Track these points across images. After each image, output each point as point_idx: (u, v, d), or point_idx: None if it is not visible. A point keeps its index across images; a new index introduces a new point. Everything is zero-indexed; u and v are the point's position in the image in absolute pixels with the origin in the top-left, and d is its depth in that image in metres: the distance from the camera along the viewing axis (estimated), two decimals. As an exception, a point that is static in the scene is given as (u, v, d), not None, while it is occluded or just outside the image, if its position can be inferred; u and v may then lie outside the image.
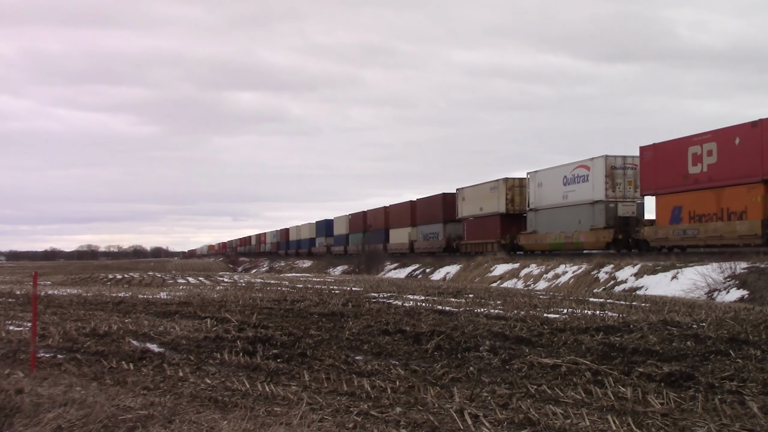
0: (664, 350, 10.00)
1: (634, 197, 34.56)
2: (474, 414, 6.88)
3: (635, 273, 26.69)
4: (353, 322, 13.97)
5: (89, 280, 46.15)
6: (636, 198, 34.53)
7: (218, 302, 19.45)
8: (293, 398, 7.70)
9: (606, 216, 34.50)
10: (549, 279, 31.68)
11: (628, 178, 34.62)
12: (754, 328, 11.85)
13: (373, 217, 68.67)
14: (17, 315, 17.19)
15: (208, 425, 6.55)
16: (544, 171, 40.10)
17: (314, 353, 10.59)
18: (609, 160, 34.50)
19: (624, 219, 34.16)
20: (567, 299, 19.66)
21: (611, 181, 34.54)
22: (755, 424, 6.45)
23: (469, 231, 48.65)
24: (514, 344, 10.94)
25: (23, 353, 10.85)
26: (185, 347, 11.34)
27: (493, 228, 44.84)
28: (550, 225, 39.34)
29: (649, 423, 6.54)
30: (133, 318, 15.77)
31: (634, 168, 33.96)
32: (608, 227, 34.24)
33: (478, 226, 47.18)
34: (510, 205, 43.53)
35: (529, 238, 41.36)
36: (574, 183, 37.22)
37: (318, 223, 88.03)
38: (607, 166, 34.49)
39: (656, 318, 13.41)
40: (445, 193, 52.31)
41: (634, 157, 33.61)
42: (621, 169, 34.63)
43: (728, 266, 22.70)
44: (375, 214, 68.16)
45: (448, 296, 21.62)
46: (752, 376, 8.29)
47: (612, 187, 34.55)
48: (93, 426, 6.53)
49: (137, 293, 25.22)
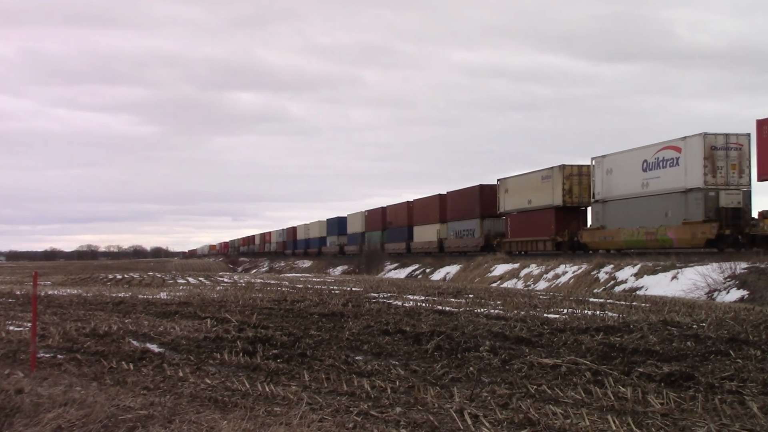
0: (664, 350, 10.00)
1: (739, 184, 28.87)
2: (474, 414, 6.88)
3: (635, 273, 26.69)
4: (353, 322, 13.96)
5: (89, 280, 46.15)
6: (742, 185, 28.92)
7: (218, 302, 19.45)
8: (293, 398, 7.69)
9: (705, 207, 28.68)
10: (549, 279, 31.67)
11: (731, 160, 28.85)
12: (754, 328, 11.85)
13: (393, 213, 63.04)
14: (17, 315, 17.18)
15: (208, 425, 6.55)
16: (615, 155, 34.47)
17: (314, 353, 10.58)
18: (708, 139, 28.81)
19: (731, 210, 28.40)
20: (567, 299, 19.66)
21: (711, 164, 28.71)
22: (755, 424, 6.45)
23: (514, 227, 42.98)
24: (514, 344, 10.94)
25: (23, 353, 10.85)
26: (185, 347, 11.33)
27: (545, 223, 39.11)
28: (624, 219, 33.42)
29: (649, 423, 6.54)
30: (133, 318, 15.77)
31: (739, 149, 28.83)
32: (708, 221, 28.53)
33: (525, 221, 41.58)
34: (567, 197, 37.74)
35: (594, 234, 35.73)
36: (658, 168, 31.28)
37: (329, 221, 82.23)
38: (706, 146, 28.73)
39: (656, 318, 13.40)
40: (483, 184, 46.82)
41: (738, 135, 29.01)
42: (723, 150, 28.91)
43: (728, 266, 22.70)
44: (396, 210, 62.43)
45: (448, 296, 21.62)
46: (752, 376, 8.29)
47: (712, 172, 28.68)
48: (93, 426, 6.53)
49: (137, 293, 25.22)
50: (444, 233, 52.13)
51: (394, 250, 60.63)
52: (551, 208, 38.70)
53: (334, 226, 79.47)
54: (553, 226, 38.40)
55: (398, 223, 61.57)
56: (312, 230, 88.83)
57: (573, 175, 38.16)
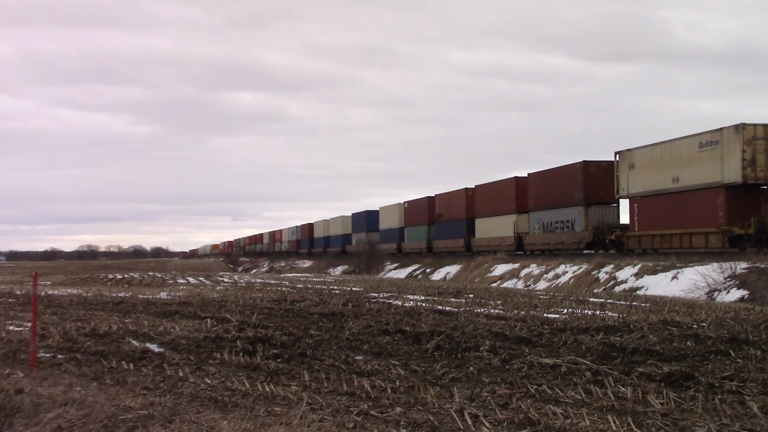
0: (664, 350, 10.00)
1: None
2: (474, 414, 6.88)
3: (635, 273, 26.69)
4: (353, 322, 13.96)
5: (89, 280, 46.15)
6: None
7: (218, 302, 19.45)
8: (293, 398, 7.69)
9: None
10: (549, 279, 31.68)
11: None
12: (754, 328, 11.84)
13: (445, 203, 51.83)
14: (17, 315, 17.19)
15: (208, 425, 6.55)
16: None
17: (314, 353, 10.58)
18: None
19: None
20: (567, 299, 19.66)
21: None
22: (755, 424, 6.45)
23: (647, 216, 31.96)
24: (514, 344, 10.94)
25: (23, 353, 10.85)
26: (185, 347, 11.34)
27: (707, 209, 28.18)
28: None
29: (649, 423, 6.54)
30: (133, 318, 15.77)
31: None
32: None
33: (668, 206, 30.56)
34: (749, 170, 26.47)
35: None
36: None
37: (355, 216, 71.74)
38: None
39: (656, 318, 13.40)
40: (587, 160, 36.07)
41: None
42: None
43: (728, 266, 22.69)
44: (449, 198, 51.27)
45: (448, 296, 21.62)
46: (752, 376, 8.29)
47: None
48: (93, 426, 6.53)
49: (137, 293, 25.22)
50: (524, 226, 41.71)
51: (445, 249, 51.48)
52: (720, 187, 27.62)
53: (362, 221, 68.60)
54: (723, 214, 27.36)
55: (452, 215, 50.56)
56: (333, 227, 78.84)
57: (757, 138, 26.55)
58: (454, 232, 50.07)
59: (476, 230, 47.26)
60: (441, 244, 52.17)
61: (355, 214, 71.89)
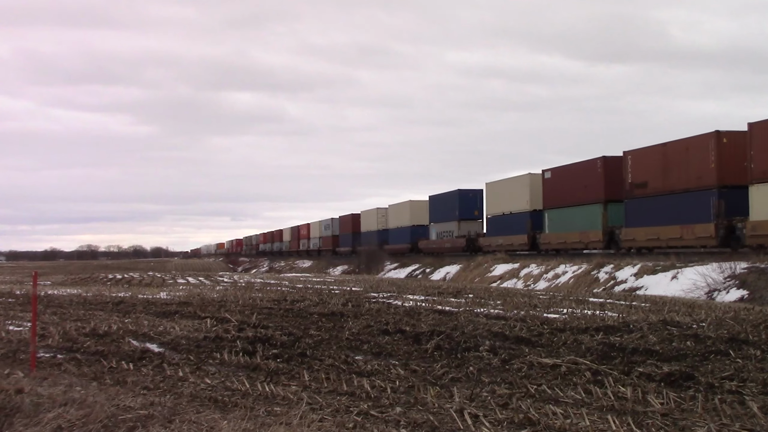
0: (664, 350, 10.00)
1: None
2: (474, 414, 6.88)
3: (635, 273, 26.68)
4: (353, 322, 13.97)
5: (89, 280, 46.14)
6: None
7: (218, 302, 19.45)
8: (293, 398, 7.70)
9: None
10: (549, 279, 31.67)
11: None
12: (754, 328, 11.84)
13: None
14: (17, 315, 17.19)
15: (208, 425, 6.55)
16: None
17: (314, 353, 10.59)
18: None
19: None
20: (567, 299, 19.66)
21: None
22: (755, 424, 6.45)
23: None
24: (514, 344, 10.94)
25: (23, 353, 10.85)
26: (185, 347, 11.34)
27: None
28: None
29: (649, 423, 6.54)
30: (133, 318, 15.77)
31: None
32: None
33: None
34: None
35: None
36: None
37: (434, 200, 53.14)
38: None
39: (656, 318, 13.40)
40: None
41: None
42: None
43: (728, 266, 22.69)
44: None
45: (448, 296, 21.62)
46: (752, 376, 8.29)
47: None
48: (93, 426, 6.53)
49: (137, 293, 25.22)
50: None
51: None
52: None
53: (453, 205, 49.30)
54: None
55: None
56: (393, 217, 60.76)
57: None
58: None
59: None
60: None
61: (433, 197, 53.43)
